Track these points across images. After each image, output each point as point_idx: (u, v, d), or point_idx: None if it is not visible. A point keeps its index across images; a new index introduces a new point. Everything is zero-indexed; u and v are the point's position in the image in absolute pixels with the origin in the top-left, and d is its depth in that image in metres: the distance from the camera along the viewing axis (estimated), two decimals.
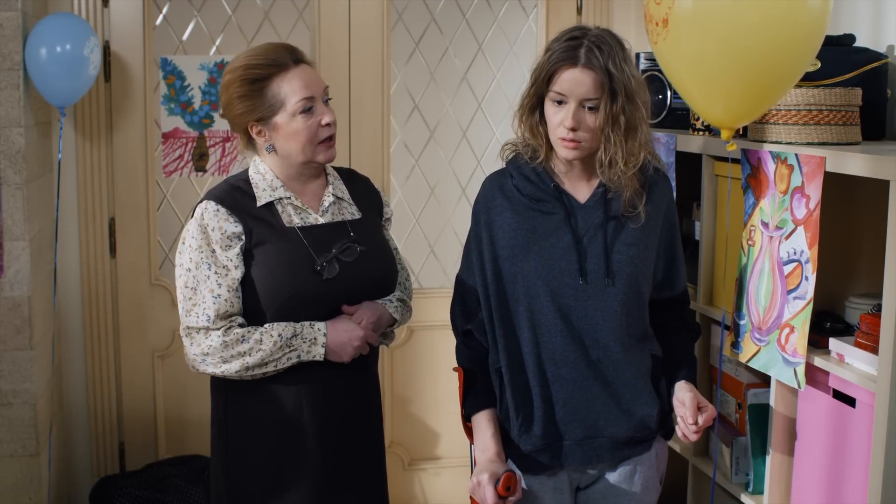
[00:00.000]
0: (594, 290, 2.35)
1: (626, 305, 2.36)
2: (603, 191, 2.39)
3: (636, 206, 2.38)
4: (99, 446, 3.96)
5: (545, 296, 2.36)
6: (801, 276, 2.40)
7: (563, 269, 2.35)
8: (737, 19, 2.15)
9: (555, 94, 2.32)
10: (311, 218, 2.48)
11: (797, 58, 2.26)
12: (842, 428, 2.36)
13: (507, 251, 2.40)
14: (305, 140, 2.42)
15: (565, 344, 2.36)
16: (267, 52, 2.43)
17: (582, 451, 2.38)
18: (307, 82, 2.42)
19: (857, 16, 2.92)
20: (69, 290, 3.87)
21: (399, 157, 4.21)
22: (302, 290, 2.41)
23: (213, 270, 2.37)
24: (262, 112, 2.41)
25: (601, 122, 2.30)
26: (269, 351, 2.37)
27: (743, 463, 2.77)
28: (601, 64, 2.28)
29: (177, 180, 4.02)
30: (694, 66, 2.28)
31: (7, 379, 3.43)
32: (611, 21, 4.09)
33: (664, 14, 2.26)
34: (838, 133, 2.48)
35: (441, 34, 4.17)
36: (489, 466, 2.32)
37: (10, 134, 3.36)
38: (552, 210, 2.39)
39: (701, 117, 2.52)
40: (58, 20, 3.44)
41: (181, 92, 3.92)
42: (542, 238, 2.38)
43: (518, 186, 2.43)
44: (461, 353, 2.50)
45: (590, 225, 2.38)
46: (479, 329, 2.46)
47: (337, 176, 2.60)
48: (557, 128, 2.33)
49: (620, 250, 2.37)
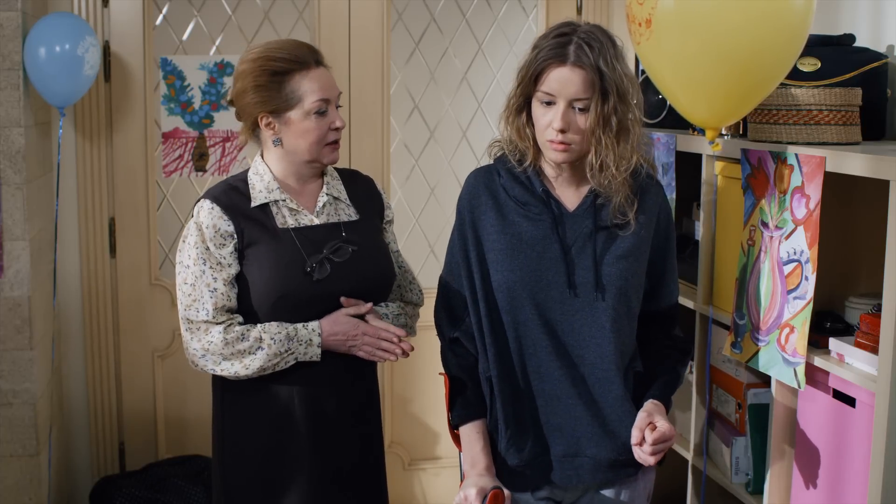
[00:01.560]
0: (582, 305, 2.26)
1: (615, 322, 2.27)
2: (593, 198, 2.29)
3: (626, 214, 2.27)
4: (99, 446, 3.96)
5: (530, 309, 2.26)
6: (801, 276, 2.40)
7: (550, 281, 2.25)
8: (720, 19, 2.17)
9: (543, 94, 2.21)
10: (306, 219, 2.48)
11: (781, 58, 2.26)
12: (842, 428, 2.36)
13: (492, 255, 2.30)
14: (315, 139, 2.44)
15: (550, 359, 2.27)
16: (292, 47, 2.45)
17: (562, 469, 2.30)
18: (326, 85, 2.44)
19: (857, 16, 2.93)
20: (69, 290, 3.88)
21: (399, 157, 4.21)
22: (293, 290, 2.41)
23: (208, 266, 2.39)
24: (276, 105, 2.42)
25: (592, 123, 2.19)
26: (266, 356, 2.38)
27: (743, 463, 2.77)
28: (591, 62, 2.17)
29: (177, 180, 4.02)
30: (677, 66, 2.28)
31: (7, 379, 3.43)
32: (611, 20, 4.09)
33: (647, 14, 2.26)
34: (838, 133, 2.48)
35: (441, 34, 4.17)
36: (478, 481, 2.24)
37: (9, 134, 3.36)
38: (539, 216, 2.28)
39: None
40: (57, 20, 3.44)
41: (181, 92, 3.92)
42: (528, 247, 2.27)
43: (505, 186, 2.33)
44: (448, 360, 2.40)
45: (578, 235, 2.27)
46: (468, 336, 2.36)
47: (336, 176, 2.60)
48: (546, 130, 2.22)
49: (610, 262, 2.26)
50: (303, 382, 2.46)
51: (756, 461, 2.72)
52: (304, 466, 2.48)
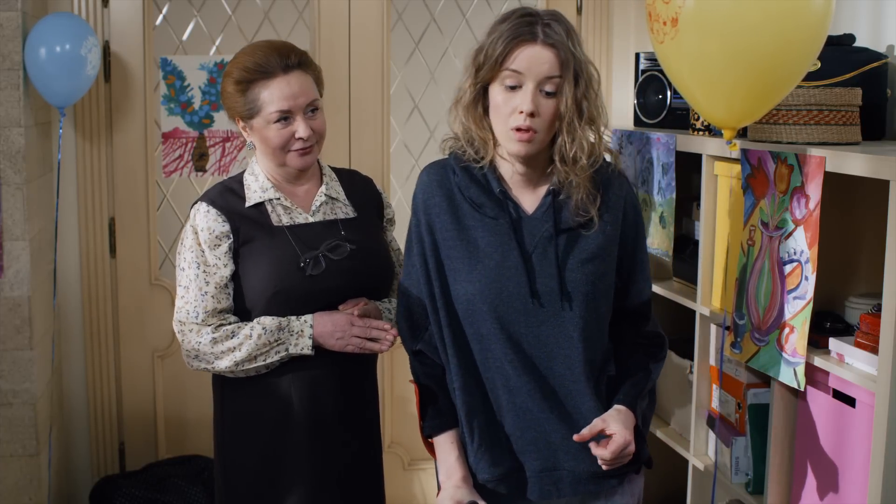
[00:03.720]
0: (547, 316, 2.12)
1: (584, 331, 2.13)
2: (552, 199, 2.15)
3: (588, 210, 2.14)
4: (99, 446, 3.96)
5: (492, 321, 2.12)
6: (800, 275, 2.40)
7: (511, 291, 2.11)
8: (740, 18, 2.13)
9: (510, 73, 2.05)
10: (301, 217, 2.50)
11: (800, 57, 2.24)
12: (842, 428, 2.36)
13: (449, 263, 2.17)
14: (276, 146, 2.44)
15: (517, 374, 2.14)
16: (262, 53, 2.44)
17: (541, 483, 2.18)
18: (288, 94, 2.41)
19: (857, 16, 2.93)
20: (69, 290, 3.87)
21: (399, 157, 4.21)
22: (287, 286, 2.42)
23: (201, 269, 2.42)
24: (242, 112, 2.46)
25: (565, 107, 2.05)
26: (254, 345, 2.38)
27: (743, 463, 2.77)
28: (563, 41, 2.04)
29: (177, 180, 4.02)
30: (699, 65, 2.25)
31: (7, 379, 3.43)
32: (611, 21, 4.09)
33: (674, 13, 2.19)
34: (838, 133, 2.48)
35: (441, 34, 4.17)
36: (455, 493, 2.15)
37: (9, 134, 3.36)
38: (495, 220, 2.14)
39: (702, 117, 2.44)
40: (57, 20, 3.44)
41: (181, 92, 3.92)
42: (486, 255, 2.13)
43: (460, 185, 2.19)
44: (416, 369, 2.30)
45: (539, 239, 2.13)
46: (431, 347, 2.25)
47: (334, 177, 2.61)
48: (510, 116, 2.07)
49: (575, 267, 2.13)
50: (301, 383, 2.46)
51: (756, 461, 2.72)
52: (302, 467, 2.48)
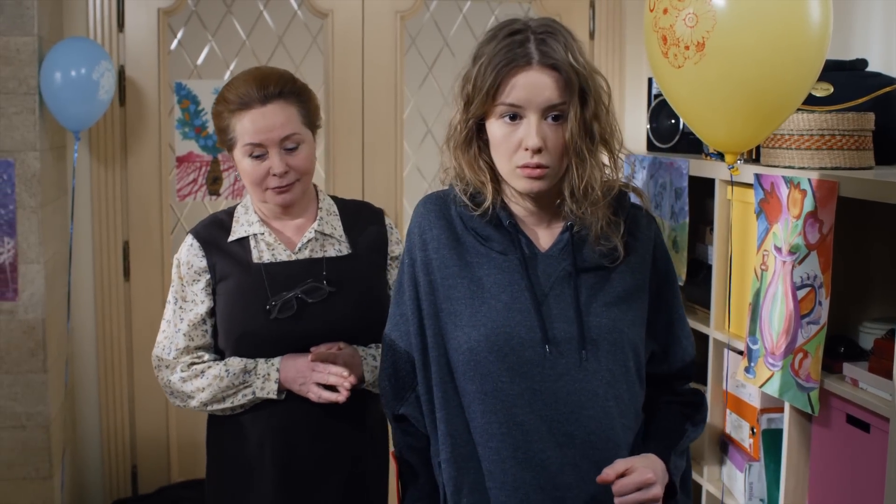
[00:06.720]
0: (567, 367, 1.79)
1: (611, 386, 1.80)
2: (569, 236, 1.84)
3: (610, 239, 1.83)
4: (112, 469, 3.96)
5: (499, 374, 1.78)
6: (814, 300, 2.39)
7: (522, 337, 1.78)
8: (738, 44, 2.05)
9: (506, 107, 1.75)
10: (284, 255, 2.35)
11: (798, 82, 2.22)
12: (856, 453, 2.35)
13: (447, 305, 1.84)
14: (251, 182, 2.31)
15: (534, 439, 1.78)
16: (243, 84, 2.28)
17: None
18: (261, 127, 2.25)
19: (870, 41, 2.93)
20: (83, 314, 3.89)
21: (412, 182, 4.22)
22: (252, 328, 2.30)
23: (178, 305, 2.38)
24: (223, 142, 2.35)
25: (570, 135, 1.75)
26: (217, 387, 2.30)
27: (757, 488, 2.75)
28: (562, 57, 1.74)
29: (190, 204, 4.03)
30: (718, 90, 2.14)
31: (21, 402, 3.44)
32: (623, 46, 4.11)
33: (701, 37, 1.97)
34: (851, 158, 2.48)
35: (454, 58, 4.18)
36: None
37: (25, 158, 3.38)
38: (504, 253, 1.84)
39: (710, 145, 2.38)
40: (72, 45, 3.47)
41: (195, 116, 3.95)
42: (492, 296, 1.81)
43: (462, 216, 1.89)
44: (398, 440, 1.97)
45: (555, 279, 1.82)
46: (416, 412, 1.91)
47: (333, 211, 2.44)
48: (514, 153, 1.77)
49: (598, 312, 1.81)
50: (273, 427, 2.33)
51: (770, 487, 2.70)
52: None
